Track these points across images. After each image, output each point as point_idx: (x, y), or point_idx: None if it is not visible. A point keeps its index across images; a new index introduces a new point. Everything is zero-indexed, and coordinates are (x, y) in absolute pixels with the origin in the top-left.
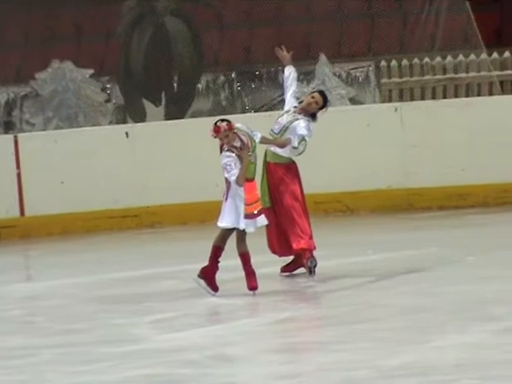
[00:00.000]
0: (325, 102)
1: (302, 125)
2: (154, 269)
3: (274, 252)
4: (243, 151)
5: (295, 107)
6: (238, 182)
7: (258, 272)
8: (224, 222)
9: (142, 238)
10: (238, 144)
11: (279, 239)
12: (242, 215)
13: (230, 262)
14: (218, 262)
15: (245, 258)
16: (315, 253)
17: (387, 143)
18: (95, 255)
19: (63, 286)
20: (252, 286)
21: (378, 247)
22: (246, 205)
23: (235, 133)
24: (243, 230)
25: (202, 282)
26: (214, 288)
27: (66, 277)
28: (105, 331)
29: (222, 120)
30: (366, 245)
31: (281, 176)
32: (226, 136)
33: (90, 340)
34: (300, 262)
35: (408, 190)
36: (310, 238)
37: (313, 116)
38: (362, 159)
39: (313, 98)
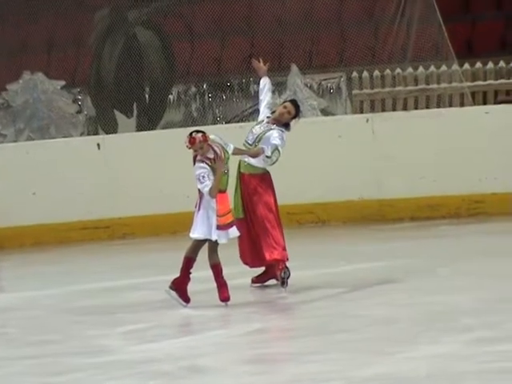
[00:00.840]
0: (297, 111)
1: (275, 135)
2: (125, 280)
3: (245, 263)
4: (217, 163)
5: (268, 117)
6: (211, 193)
7: (229, 283)
8: (196, 233)
9: (114, 249)
10: (211, 155)
11: (251, 250)
12: (215, 226)
13: (201, 273)
14: (190, 273)
15: (216, 269)
16: (288, 264)
17: (359, 154)
18: (67, 266)
19: (36, 298)
20: (224, 297)
21: (350, 258)
22: (219, 216)
23: (209, 144)
24: (215, 241)
25: (174, 293)
26: (186, 299)
27: (38, 288)
28: (77, 342)
29: (197, 131)
30: (338, 256)
31: (255, 186)
32: (200, 147)
33: (63, 351)
34: (272, 272)
35: (379, 201)
36: (284, 249)
37: (286, 126)
38: (334, 170)
39: (285, 107)
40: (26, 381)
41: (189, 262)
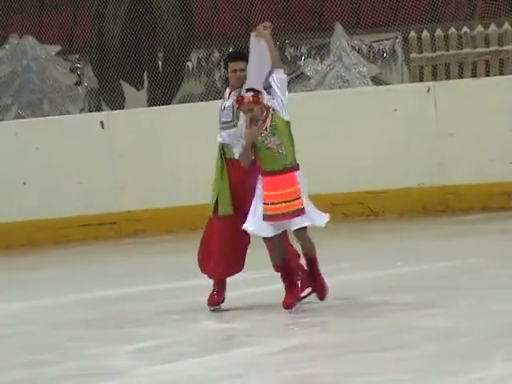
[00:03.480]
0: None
1: None
2: (135, 287)
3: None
4: (252, 128)
5: None
6: (239, 159)
7: (258, 289)
8: (247, 224)
9: (122, 249)
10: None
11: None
12: (260, 216)
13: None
14: (299, 274)
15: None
16: (329, 266)
17: (418, 132)
18: (64, 271)
19: (26, 310)
20: (285, 304)
21: (407, 258)
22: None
23: (262, 107)
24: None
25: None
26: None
27: (29, 298)
28: (76, 363)
29: (249, 90)
30: (392, 255)
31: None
32: (249, 109)
33: (58, 374)
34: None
35: (444, 189)
36: None
37: None
38: (388, 152)
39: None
40: None
41: (282, 269)
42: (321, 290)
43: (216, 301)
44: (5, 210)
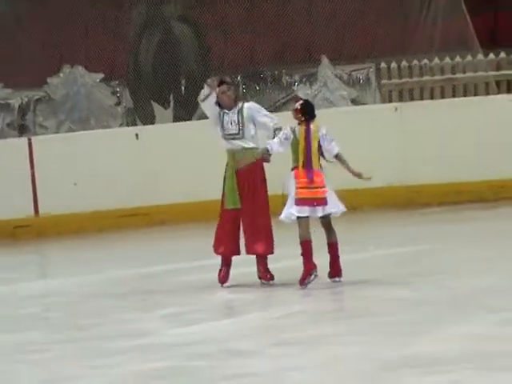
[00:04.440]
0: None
1: None
2: (164, 265)
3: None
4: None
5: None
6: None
7: (274, 265)
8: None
9: (152, 235)
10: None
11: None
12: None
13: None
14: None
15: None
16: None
17: (388, 141)
18: (108, 252)
19: (77, 283)
20: (300, 281)
21: (378, 243)
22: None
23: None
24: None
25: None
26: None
27: (79, 274)
28: (118, 326)
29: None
30: (367, 240)
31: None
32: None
33: (105, 334)
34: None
35: (408, 188)
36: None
37: None
38: (364, 156)
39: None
40: (73, 364)
41: (304, 246)
42: (336, 271)
43: (223, 278)
44: (60, 205)
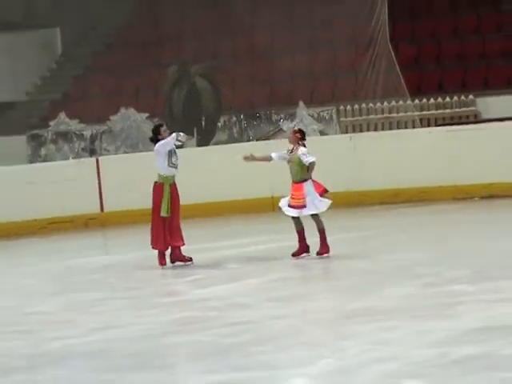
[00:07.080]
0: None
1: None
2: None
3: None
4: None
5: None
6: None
7: (259, 247)
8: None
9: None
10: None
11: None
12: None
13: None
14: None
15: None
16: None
17: (345, 161)
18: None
19: (130, 258)
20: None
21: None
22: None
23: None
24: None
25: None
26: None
27: (131, 252)
28: (157, 288)
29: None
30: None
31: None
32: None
33: (148, 293)
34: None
35: (358, 192)
36: None
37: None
38: (328, 170)
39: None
40: (126, 314)
41: (299, 233)
42: (325, 249)
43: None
44: (119, 204)
